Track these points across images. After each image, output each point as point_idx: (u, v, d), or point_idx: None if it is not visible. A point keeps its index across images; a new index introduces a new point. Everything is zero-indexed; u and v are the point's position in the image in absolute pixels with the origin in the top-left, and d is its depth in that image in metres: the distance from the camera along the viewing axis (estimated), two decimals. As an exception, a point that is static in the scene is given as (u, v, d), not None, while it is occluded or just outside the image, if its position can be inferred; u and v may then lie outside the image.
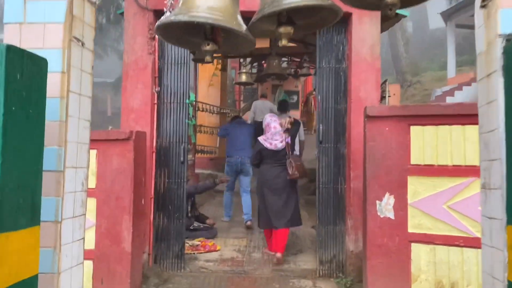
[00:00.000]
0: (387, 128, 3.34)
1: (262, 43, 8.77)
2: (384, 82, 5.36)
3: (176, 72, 4.25)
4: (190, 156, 9.08)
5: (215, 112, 10.29)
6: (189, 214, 5.22)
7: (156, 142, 4.18)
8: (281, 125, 4.64)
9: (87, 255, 3.71)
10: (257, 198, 4.74)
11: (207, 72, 10.28)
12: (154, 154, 4.14)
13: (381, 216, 3.30)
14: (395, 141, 3.30)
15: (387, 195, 3.30)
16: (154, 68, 4.18)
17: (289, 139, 4.64)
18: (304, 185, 9.53)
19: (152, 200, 4.10)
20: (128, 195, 3.51)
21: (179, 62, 4.25)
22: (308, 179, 9.89)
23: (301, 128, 6.72)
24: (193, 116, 6.42)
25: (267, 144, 4.56)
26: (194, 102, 4.99)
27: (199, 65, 10.58)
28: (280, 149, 4.55)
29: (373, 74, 4.07)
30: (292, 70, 13.55)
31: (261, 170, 4.69)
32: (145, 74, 4.14)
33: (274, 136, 4.57)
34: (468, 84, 13.27)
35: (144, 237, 4.01)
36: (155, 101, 4.18)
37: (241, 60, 10.63)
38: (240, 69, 10.25)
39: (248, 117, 8.98)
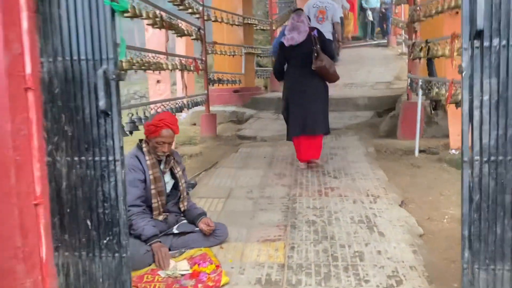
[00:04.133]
0: None
1: None
2: None
3: None
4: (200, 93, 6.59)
5: (236, 23, 7.56)
6: (180, 208, 2.89)
7: (39, 63, 1.72)
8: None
9: None
10: (283, 107, 4.62)
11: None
12: (32, 95, 1.70)
13: None
14: None
15: None
16: None
17: (315, 32, 4.27)
18: (368, 121, 6.86)
19: (45, 210, 1.74)
20: None
21: None
22: (374, 111, 7.20)
23: (337, 8, 6.55)
24: None
25: (284, 41, 4.29)
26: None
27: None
28: (299, 42, 4.22)
29: None
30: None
31: (286, 75, 4.50)
32: None
33: (291, 32, 4.27)
34: None
35: (26, 302, 1.71)
36: (19, -46, 1.64)
37: None
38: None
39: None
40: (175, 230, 2.79)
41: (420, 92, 4.95)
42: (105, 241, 1.77)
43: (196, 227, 2.82)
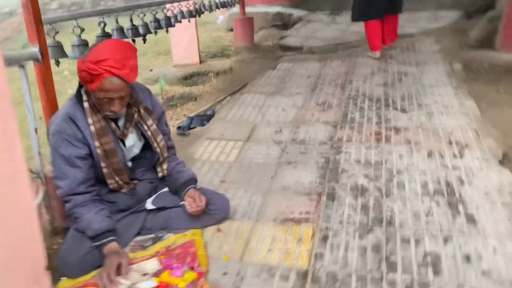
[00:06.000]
0: None
1: None
2: None
3: None
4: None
5: None
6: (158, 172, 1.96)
7: None
8: None
9: None
10: None
11: None
12: None
13: None
14: None
15: None
16: None
17: None
18: (454, 24, 5.27)
19: None
20: None
21: None
22: (462, 10, 5.53)
23: None
24: None
25: None
26: None
27: None
28: None
29: None
30: None
31: None
32: None
33: None
34: None
35: None
36: None
37: None
38: None
39: None
40: (149, 205, 1.91)
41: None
42: None
43: (181, 199, 1.93)
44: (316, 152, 2.59)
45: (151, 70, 4.73)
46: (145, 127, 1.82)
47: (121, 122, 1.78)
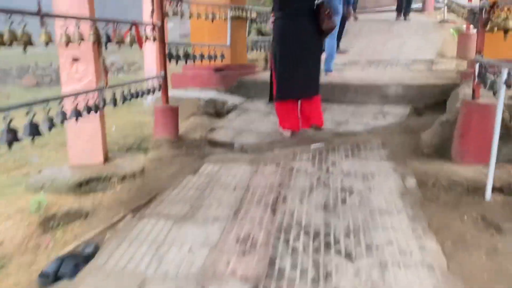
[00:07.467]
0: None
1: None
2: None
3: None
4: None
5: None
6: None
7: None
8: None
9: None
10: (274, 61, 4.30)
11: None
12: None
13: None
14: None
15: None
16: None
17: None
18: (403, 122, 4.77)
19: None
20: None
21: None
22: (411, 106, 5.11)
23: None
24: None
25: None
26: None
27: None
28: None
29: None
30: None
31: (279, 24, 4.16)
32: None
33: None
34: None
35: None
36: None
37: None
38: None
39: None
40: None
41: (504, 89, 2.93)
42: None
43: None
44: None
45: (39, 171, 3.77)
46: None
47: None
